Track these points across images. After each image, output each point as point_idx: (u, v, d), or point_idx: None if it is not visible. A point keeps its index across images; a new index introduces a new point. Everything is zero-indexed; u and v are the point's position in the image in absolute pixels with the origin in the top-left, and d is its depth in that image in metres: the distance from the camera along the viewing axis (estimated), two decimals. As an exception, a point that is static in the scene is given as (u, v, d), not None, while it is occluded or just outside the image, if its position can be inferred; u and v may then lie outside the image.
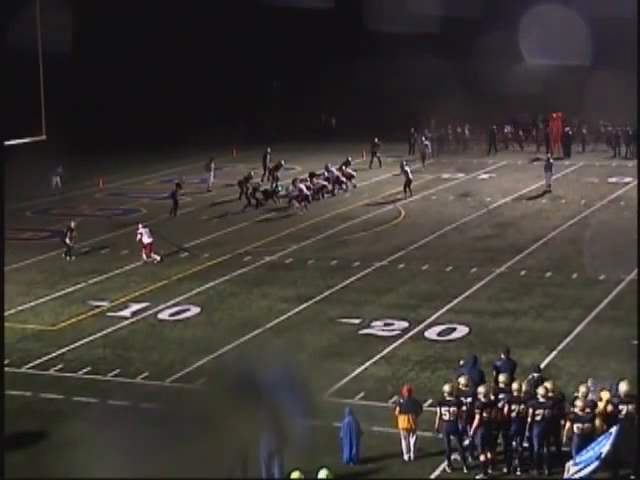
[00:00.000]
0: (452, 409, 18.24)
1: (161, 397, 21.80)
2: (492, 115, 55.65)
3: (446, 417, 18.28)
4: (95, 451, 16.92)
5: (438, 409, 18.44)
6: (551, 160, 44.83)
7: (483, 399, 18.16)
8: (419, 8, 54.45)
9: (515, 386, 18.52)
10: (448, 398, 18.38)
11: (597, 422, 17.78)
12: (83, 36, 54.59)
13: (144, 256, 33.54)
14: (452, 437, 18.30)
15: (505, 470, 18.32)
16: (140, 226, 34.39)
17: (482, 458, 18.16)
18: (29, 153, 44.94)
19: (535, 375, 19.57)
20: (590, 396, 18.25)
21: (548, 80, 55.94)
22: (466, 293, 29.08)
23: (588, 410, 17.71)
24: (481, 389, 18.34)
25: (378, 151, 51.41)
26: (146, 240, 33.75)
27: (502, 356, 20.77)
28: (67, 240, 34.19)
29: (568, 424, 17.84)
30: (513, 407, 18.24)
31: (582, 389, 18.29)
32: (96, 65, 56.99)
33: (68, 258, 34.03)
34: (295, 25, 58.99)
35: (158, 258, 33.55)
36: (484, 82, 53.39)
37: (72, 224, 34.72)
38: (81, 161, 50.95)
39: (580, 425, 17.61)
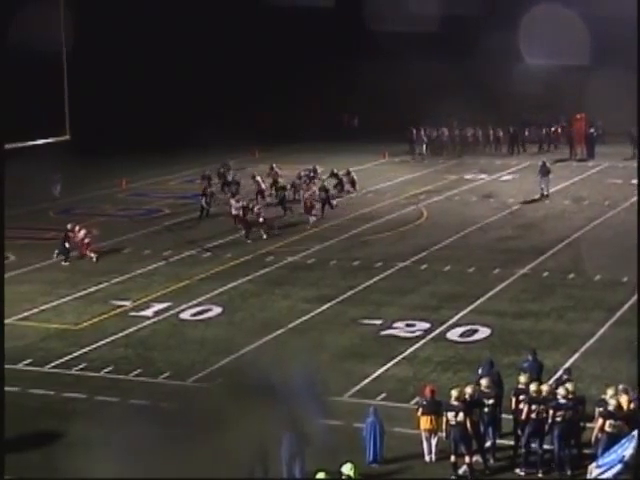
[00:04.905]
0: (459, 414, 18.12)
1: (179, 397, 21.84)
2: (508, 116, 55.49)
3: (452, 422, 18.20)
4: (111, 451, 17.00)
5: (445, 414, 18.37)
6: (547, 165, 44.00)
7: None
8: (430, 8, 54.64)
9: (533, 387, 18.46)
10: (454, 403, 18.29)
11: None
12: (104, 37, 54.84)
13: (90, 253, 33.95)
14: (459, 442, 18.15)
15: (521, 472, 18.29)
16: (77, 227, 34.61)
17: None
18: (53, 153, 45.30)
19: (564, 377, 19.52)
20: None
21: (550, 80, 55.81)
22: (488, 294, 28.99)
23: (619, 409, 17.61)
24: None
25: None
26: (86, 240, 34.29)
27: (529, 357, 20.70)
28: (66, 244, 34.03)
29: (599, 423, 17.70)
30: (533, 407, 18.18)
31: (610, 391, 18.15)
32: (120, 65, 57.19)
33: (64, 262, 33.72)
34: (315, 24, 59.01)
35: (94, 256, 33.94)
36: (492, 82, 53.72)
37: (70, 226, 34.68)
38: (105, 161, 51.25)
39: (612, 422, 17.48)
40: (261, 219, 36.87)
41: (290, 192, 41.74)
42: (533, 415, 18.17)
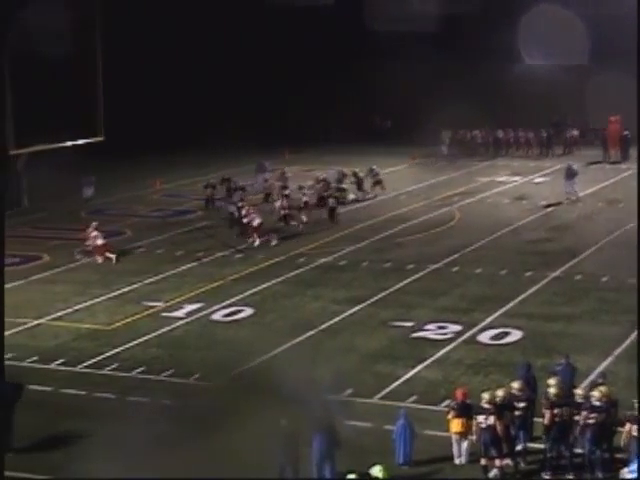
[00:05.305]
0: (490, 417, 18.04)
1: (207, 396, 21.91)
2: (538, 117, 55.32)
3: (483, 425, 18.14)
4: (140, 451, 17.09)
5: (475, 417, 18.30)
6: (574, 167, 43.51)
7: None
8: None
9: (554, 390, 18.37)
10: (485, 406, 18.21)
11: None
12: (136, 36, 55.09)
13: (109, 254, 33.99)
14: (490, 445, 18.07)
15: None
16: (92, 227, 34.68)
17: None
18: (86, 154, 45.65)
19: (599, 380, 19.41)
20: None
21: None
22: (520, 297, 28.86)
23: None
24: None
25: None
26: (99, 242, 34.22)
27: (562, 361, 20.58)
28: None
29: (627, 427, 17.60)
30: (556, 411, 18.09)
31: None
32: (153, 65, 57.44)
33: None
34: (346, 25, 59.04)
35: (113, 257, 34.01)
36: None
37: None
38: (138, 162, 51.50)
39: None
40: (255, 223, 35.95)
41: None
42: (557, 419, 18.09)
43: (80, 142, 45.30)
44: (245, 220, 36.40)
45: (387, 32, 56.46)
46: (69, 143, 44.63)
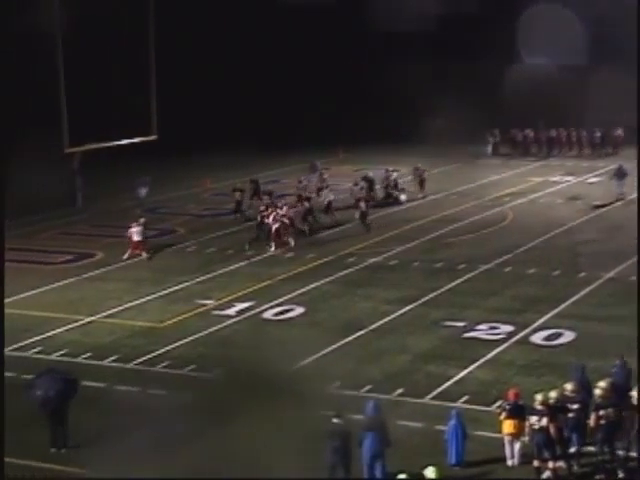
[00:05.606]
0: (543, 419, 17.86)
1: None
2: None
3: (536, 426, 17.96)
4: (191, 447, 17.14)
5: (528, 418, 18.13)
6: (624, 168, 42.89)
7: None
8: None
9: (598, 392, 18.16)
10: (538, 407, 18.03)
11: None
12: (186, 35, 55.39)
13: (142, 252, 34.34)
14: (543, 447, 17.90)
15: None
16: (136, 222, 34.95)
17: None
18: (139, 152, 45.99)
19: None
20: None
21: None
22: (573, 298, 28.58)
23: None
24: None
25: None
26: (135, 238, 34.48)
27: (617, 363, 20.34)
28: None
29: None
30: (601, 413, 17.89)
31: None
32: (206, 66, 57.71)
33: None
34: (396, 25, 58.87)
35: (144, 255, 34.25)
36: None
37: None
38: (189, 161, 51.76)
39: None
40: (273, 229, 35.27)
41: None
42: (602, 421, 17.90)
43: (133, 141, 45.69)
44: (264, 225, 35.77)
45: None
46: (122, 142, 45.01)
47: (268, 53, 59.85)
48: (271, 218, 35.53)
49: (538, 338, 25.39)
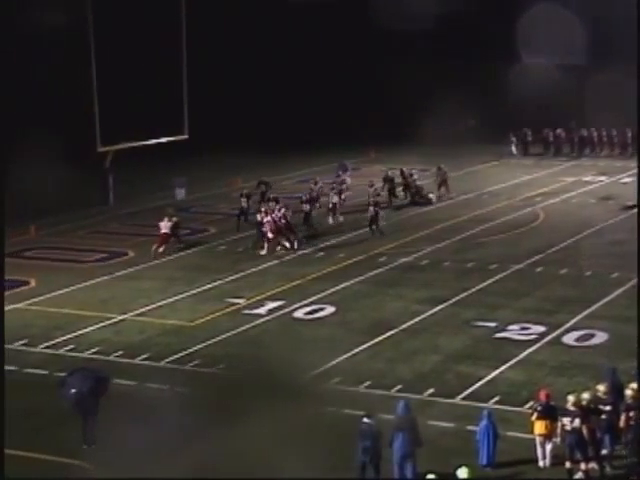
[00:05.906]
0: (575, 420, 17.75)
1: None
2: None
3: (568, 428, 17.84)
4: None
5: (560, 419, 18.02)
6: None
7: None
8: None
9: (629, 392, 18.02)
10: (571, 408, 17.92)
11: None
12: (216, 35, 55.50)
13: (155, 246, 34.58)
14: (575, 448, 17.79)
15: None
16: (165, 219, 35.20)
17: None
18: (171, 151, 46.14)
19: None
20: None
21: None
22: (606, 299, 28.40)
23: None
24: None
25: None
26: (162, 230, 34.89)
27: None
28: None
29: None
30: (631, 414, 17.76)
31: None
32: (239, 66, 57.83)
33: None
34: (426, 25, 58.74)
35: (160, 250, 34.43)
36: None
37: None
38: (219, 160, 51.80)
39: None
40: (270, 235, 34.77)
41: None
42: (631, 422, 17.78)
43: (165, 140, 45.86)
44: (263, 229, 35.25)
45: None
46: (154, 141, 45.20)
47: (301, 53, 59.83)
48: (266, 220, 35.27)
49: (570, 339, 25.25)
